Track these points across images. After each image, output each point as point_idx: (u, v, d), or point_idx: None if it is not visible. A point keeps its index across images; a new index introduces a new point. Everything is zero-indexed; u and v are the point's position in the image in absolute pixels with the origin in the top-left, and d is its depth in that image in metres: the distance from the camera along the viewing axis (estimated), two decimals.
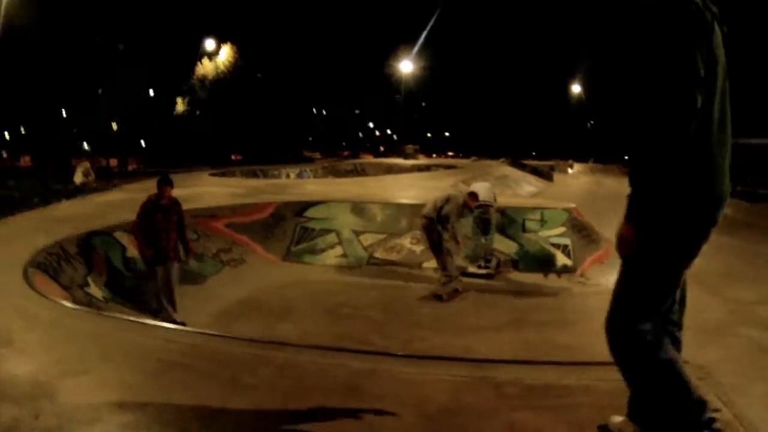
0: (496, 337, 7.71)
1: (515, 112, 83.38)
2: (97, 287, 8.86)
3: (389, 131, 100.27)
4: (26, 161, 59.84)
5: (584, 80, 67.99)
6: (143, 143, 61.41)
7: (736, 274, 7.92)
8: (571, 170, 49.94)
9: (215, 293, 9.89)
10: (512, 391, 3.70)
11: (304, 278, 11.36)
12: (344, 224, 12.99)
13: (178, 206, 8.88)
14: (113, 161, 52.59)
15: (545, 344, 7.17)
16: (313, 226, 12.98)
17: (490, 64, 79.68)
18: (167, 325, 6.48)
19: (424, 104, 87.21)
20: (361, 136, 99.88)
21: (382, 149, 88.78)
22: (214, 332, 6.09)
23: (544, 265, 11.56)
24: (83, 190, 19.15)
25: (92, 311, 6.72)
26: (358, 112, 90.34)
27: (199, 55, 53.79)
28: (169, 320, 8.00)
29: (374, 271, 11.83)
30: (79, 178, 22.82)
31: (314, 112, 79.21)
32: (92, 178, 23.62)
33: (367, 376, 4.13)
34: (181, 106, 54.56)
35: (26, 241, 9.08)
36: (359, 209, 13.30)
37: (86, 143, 61.66)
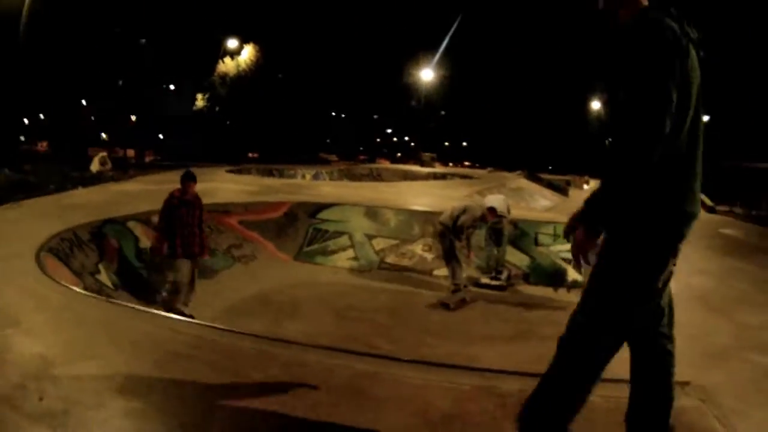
0: (502, 347, 7.71)
1: (533, 124, 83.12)
2: (107, 275, 8.95)
3: (407, 138, 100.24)
4: (43, 146, 60.40)
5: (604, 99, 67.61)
6: (161, 137, 61.90)
7: (746, 298, 7.85)
8: (586, 186, 49.68)
9: (225, 288, 9.94)
10: (514, 402, 3.71)
11: (314, 279, 11.40)
12: (357, 227, 13.03)
13: (199, 201, 8.92)
14: (130, 152, 52.94)
15: (550, 357, 7.16)
16: (326, 227, 13.03)
17: (510, 75, 79.55)
18: (176, 316, 6.53)
19: (443, 113, 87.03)
20: (378, 141, 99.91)
21: (399, 155, 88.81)
22: (221, 326, 6.13)
23: (554, 279, 11.53)
24: (99, 178, 19.28)
25: (101, 298, 6.76)
26: (376, 117, 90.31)
27: (221, 53, 54.03)
28: (177, 312, 8.05)
29: (385, 275, 11.86)
30: (95, 166, 22.99)
31: (333, 115, 79.31)
32: (108, 167, 23.78)
33: (371, 378, 4.15)
34: (200, 102, 54.80)
35: (40, 225, 9.17)
36: (373, 213, 13.34)
37: (104, 133, 62.22)
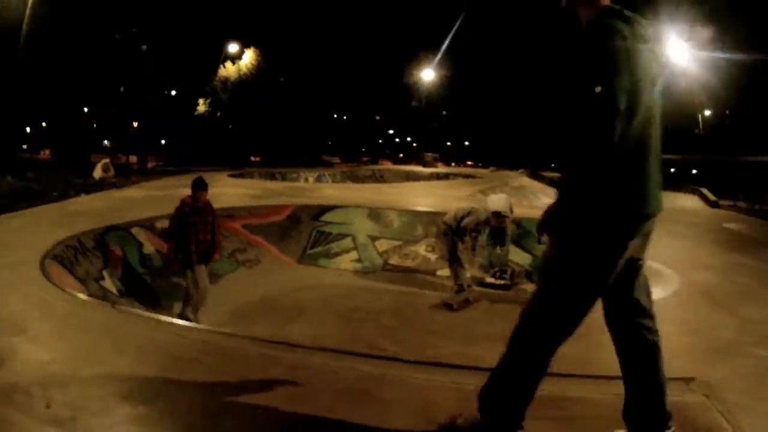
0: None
1: (535, 123, 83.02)
2: (112, 281, 8.99)
3: (409, 139, 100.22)
4: (45, 154, 60.55)
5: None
6: (163, 142, 61.94)
7: (750, 293, 7.86)
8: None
9: (229, 292, 9.96)
10: None
11: (318, 281, 11.42)
12: (360, 229, 13.04)
13: (211, 208, 8.88)
14: (133, 158, 53.07)
15: (555, 356, 7.16)
16: (329, 230, 13.05)
17: (511, 74, 79.44)
18: (180, 321, 6.55)
19: (444, 113, 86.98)
20: (380, 142, 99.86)
21: (401, 156, 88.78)
22: (226, 330, 6.16)
23: None
24: (102, 185, 19.35)
25: (106, 304, 6.79)
26: (378, 118, 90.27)
27: (222, 57, 54.08)
28: (184, 318, 8.08)
29: (388, 276, 11.87)
30: (98, 173, 23.06)
31: (335, 117, 79.30)
32: (111, 173, 23.84)
33: (376, 380, 4.16)
34: (202, 107, 54.85)
35: (44, 232, 9.23)
36: (376, 215, 13.36)
37: (106, 140, 62.28)
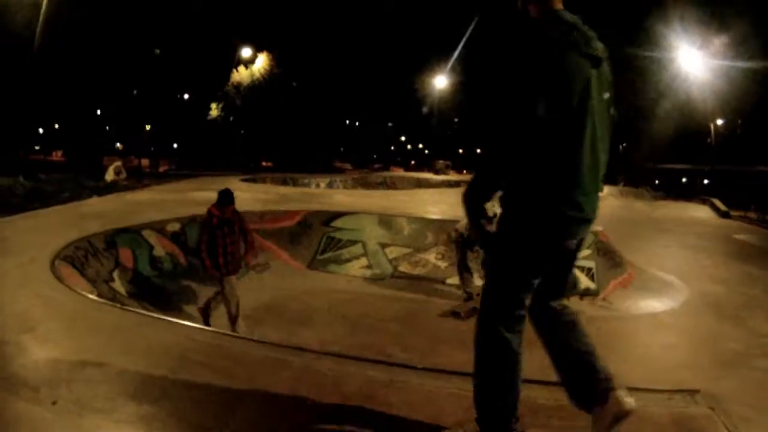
0: None
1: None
2: (121, 283, 9.05)
3: (421, 146, 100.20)
4: (58, 156, 60.96)
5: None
6: (175, 146, 62.19)
7: (759, 305, 7.85)
8: (600, 193, 49.45)
9: (240, 296, 9.98)
10: (524, 409, 3.72)
11: (327, 287, 11.44)
12: (371, 236, 13.06)
13: (238, 215, 8.88)
14: (145, 161, 53.35)
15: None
16: (340, 236, 13.08)
17: None
18: (189, 323, 6.58)
19: (456, 120, 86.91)
20: (392, 149, 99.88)
21: (412, 163, 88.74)
22: (235, 334, 6.20)
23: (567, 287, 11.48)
24: (114, 187, 19.45)
25: (115, 305, 6.83)
26: (390, 125, 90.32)
27: (235, 62, 54.31)
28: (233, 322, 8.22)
29: (398, 283, 11.87)
30: (110, 175, 23.20)
31: (347, 123, 79.43)
32: (123, 176, 23.98)
33: (384, 386, 4.16)
34: (215, 111, 55.07)
35: (55, 233, 9.30)
36: (386, 222, 13.38)
37: (119, 142, 62.61)
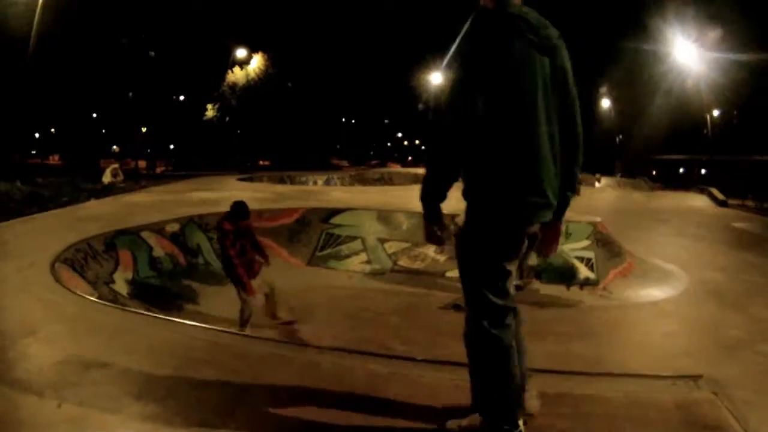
0: None
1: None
2: (122, 284, 9.03)
3: (417, 141, 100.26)
4: (54, 160, 60.94)
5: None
6: (172, 147, 62.16)
7: (759, 291, 7.88)
8: (598, 184, 49.48)
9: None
10: (526, 398, 3.74)
11: (327, 283, 11.44)
12: (369, 232, 13.06)
13: (251, 225, 8.83)
14: (141, 163, 53.32)
15: (565, 355, 7.17)
16: (338, 232, 13.08)
17: None
18: (190, 322, 6.58)
19: None
20: (389, 145, 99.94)
21: (410, 159, 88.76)
22: (237, 331, 6.20)
23: (566, 277, 11.52)
24: (111, 190, 19.44)
25: (117, 306, 6.83)
26: (387, 121, 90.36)
27: (230, 63, 54.33)
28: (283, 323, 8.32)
29: (397, 278, 11.88)
30: (107, 178, 23.21)
31: (343, 120, 79.43)
32: (120, 178, 23.98)
33: (385, 379, 4.17)
34: (211, 112, 55.08)
35: (54, 237, 9.29)
36: (385, 217, 13.38)
37: (115, 145, 62.58)
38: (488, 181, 3.00)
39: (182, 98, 56.26)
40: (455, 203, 3.32)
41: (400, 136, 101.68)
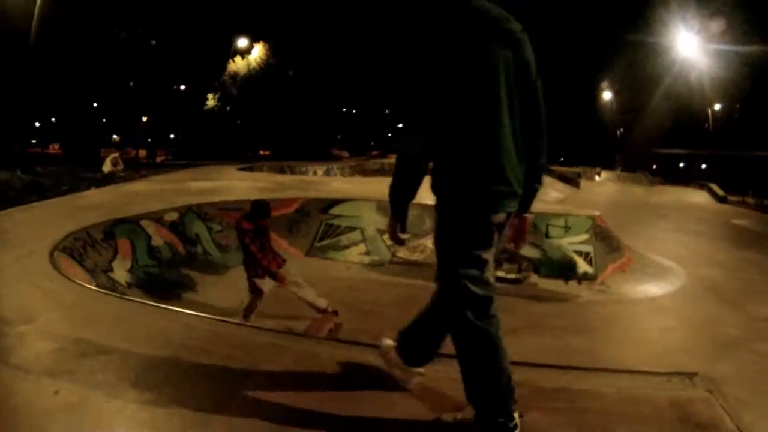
0: (514, 340, 7.65)
1: (544, 116, 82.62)
2: (120, 273, 9.04)
3: None
4: (55, 149, 60.87)
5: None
6: (172, 136, 62.10)
7: (757, 289, 7.89)
8: (598, 177, 49.53)
9: (238, 284, 9.98)
10: (525, 392, 3.73)
11: (326, 274, 11.45)
12: (369, 222, 13.07)
13: (267, 227, 8.85)
14: (142, 152, 53.28)
15: (561, 349, 7.19)
16: (338, 223, 13.09)
17: None
18: (188, 311, 6.59)
19: None
20: (389, 136, 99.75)
21: None
22: (235, 321, 6.21)
23: (565, 271, 11.54)
24: (111, 179, 19.43)
25: (115, 295, 6.81)
26: (387, 112, 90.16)
27: (231, 52, 54.25)
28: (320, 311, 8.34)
29: (396, 269, 11.89)
30: (107, 167, 23.20)
31: (344, 110, 79.29)
32: (120, 167, 23.97)
33: (382, 370, 4.18)
34: (211, 101, 55.03)
35: (54, 225, 9.28)
36: (384, 208, 13.34)
37: (116, 134, 62.51)
38: (453, 172, 3.09)
39: (183, 88, 56.13)
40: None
41: (400, 127, 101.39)
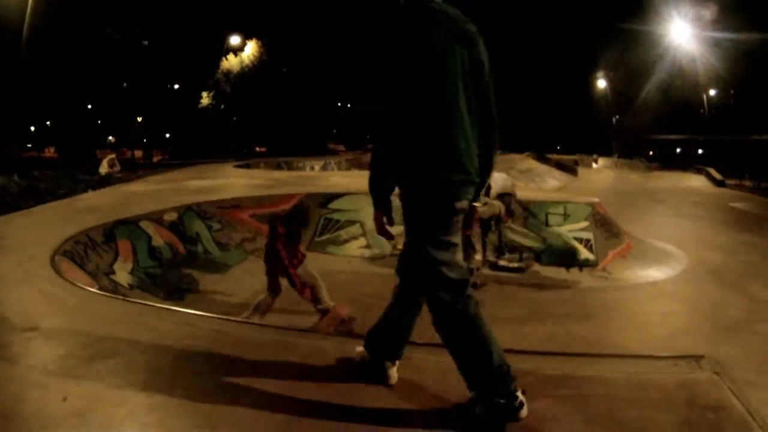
0: (517, 329, 7.73)
1: (540, 105, 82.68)
2: (122, 275, 9.02)
3: None
4: (51, 152, 60.74)
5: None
6: (168, 135, 62.01)
7: (758, 271, 7.90)
8: (595, 164, 49.56)
9: (240, 282, 10.00)
10: (531, 380, 3.74)
11: (327, 268, 11.39)
12: (369, 216, 12.96)
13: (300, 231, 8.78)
14: (138, 152, 53.19)
15: (565, 336, 7.21)
16: (337, 217, 13.07)
17: (515, 57, 79.15)
18: (192, 311, 6.59)
19: None
20: None
21: None
22: (239, 319, 6.20)
23: (566, 259, 11.55)
24: (109, 180, 19.41)
25: (118, 297, 6.81)
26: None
27: (224, 50, 54.17)
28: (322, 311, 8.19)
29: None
30: (104, 168, 23.18)
31: (339, 105, 79.15)
32: (117, 168, 23.95)
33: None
34: (206, 99, 54.96)
35: (53, 229, 9.24)
36: None
37: (111, 135, 62.40)
38: (418, 163, 3.21)
39: (177, 87, 56.05)
40: None
41: (374, 119, 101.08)
